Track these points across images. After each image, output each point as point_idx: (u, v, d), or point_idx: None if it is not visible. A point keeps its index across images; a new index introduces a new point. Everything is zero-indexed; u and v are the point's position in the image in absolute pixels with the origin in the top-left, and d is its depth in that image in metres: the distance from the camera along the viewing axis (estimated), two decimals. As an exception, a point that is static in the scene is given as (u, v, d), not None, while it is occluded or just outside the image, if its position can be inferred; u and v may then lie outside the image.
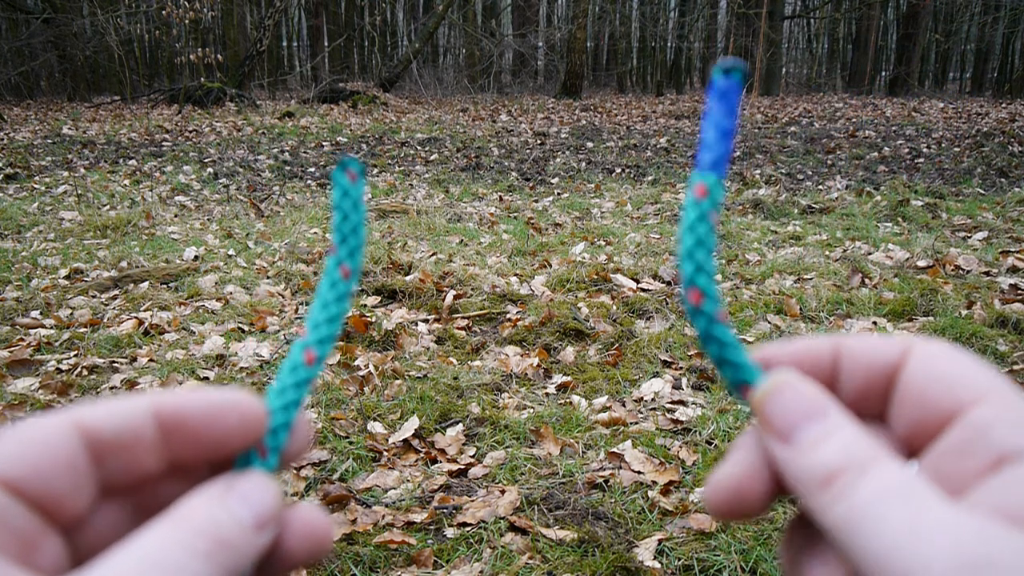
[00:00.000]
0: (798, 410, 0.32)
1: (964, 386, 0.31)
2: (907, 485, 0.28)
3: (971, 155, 9.68)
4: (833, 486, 0.29)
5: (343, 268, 0.37)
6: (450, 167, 9.52)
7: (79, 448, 0.31)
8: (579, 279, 4.56)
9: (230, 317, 4.03)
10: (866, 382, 0.33)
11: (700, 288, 0.34)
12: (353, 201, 0.37)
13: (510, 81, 26.92)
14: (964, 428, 0.30)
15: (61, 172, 8.75)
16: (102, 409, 0.32)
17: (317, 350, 0.36)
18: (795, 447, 0.31)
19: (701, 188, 0.34)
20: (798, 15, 30.58)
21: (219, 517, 0.31)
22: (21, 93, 21.29)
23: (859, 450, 0.30)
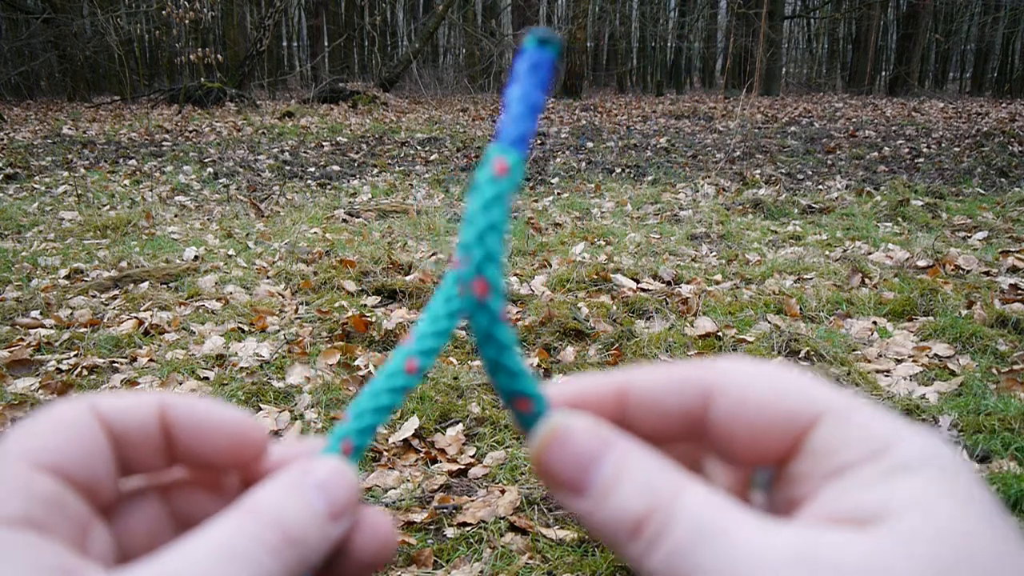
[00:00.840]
0: (582, 455, 0.29)
1: (793, 414, 0.30)
2: (717, 518, 0.27)
3: (971, 155, 9.68)
4: (643, 535, 0.27)
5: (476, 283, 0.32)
6: (450, 167, 9.52)
7: (101, 434, 0.31)
8: (579, 279, 4.56)
9: (230, 317, 4.03)
10: (662, 422, 0.32)
11: (487, 279, 0.29)
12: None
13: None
14: (806, 454, 0.29)
15: (61, 172, 8.75)
16: (112, 399, 0.32)
17: (420, 360, 0.33)
18: (590, 498, 0.28)
19: (501, 165, 0.30)
20: (798, 15, 30.59)
21: (292, 507, 0.30)
22: (21, 93, 21.29)
23: (659, 486, 0.28)
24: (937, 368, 3.39)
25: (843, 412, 0.29)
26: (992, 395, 3.06)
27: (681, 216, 6.59)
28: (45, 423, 0.30)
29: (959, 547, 0.25)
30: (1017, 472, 2.51)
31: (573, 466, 0.29)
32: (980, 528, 0.25)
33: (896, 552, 0.24)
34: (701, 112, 17.19)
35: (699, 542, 0.26)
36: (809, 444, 0.29)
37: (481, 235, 0.29)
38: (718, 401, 0.31)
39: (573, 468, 0.29)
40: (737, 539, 0.26)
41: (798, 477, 0.29)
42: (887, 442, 0.28)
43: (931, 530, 0.25)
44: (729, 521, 0.27)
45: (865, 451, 0.28)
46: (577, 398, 0.32)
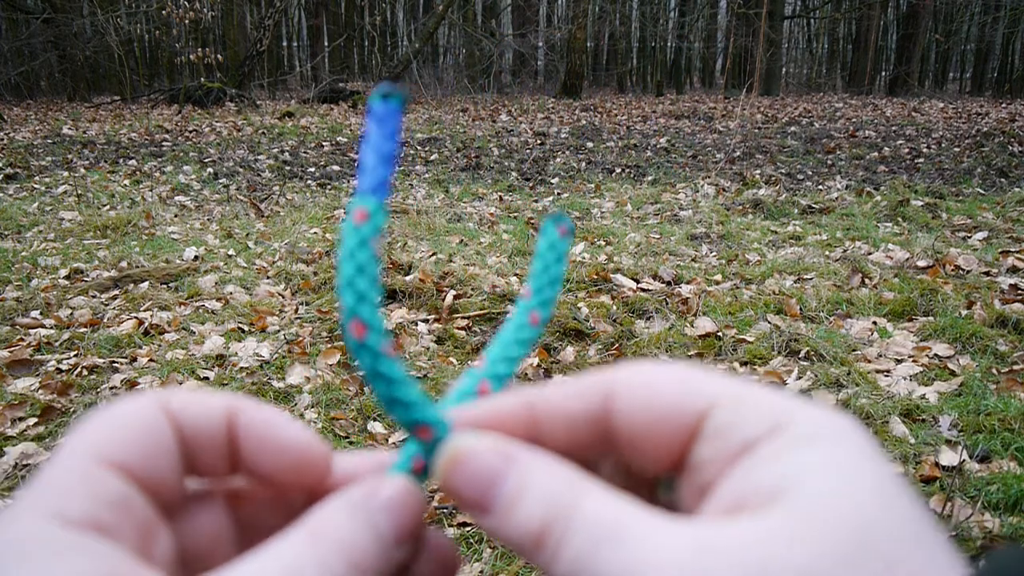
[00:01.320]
0: (486, 474, 0.29)
1: (688, 404, 0.29)
2: (618, 518, 0.26)
3: (971, 155, 9.68)
4: (546, 545, 0.27)
5: (532, 315, 0.36)
6: (450, 167, 9.52)
7: (170, 432, 0.30)
8: (579, 279, 4.56)
9: (230, 317, 4.03)
10: (571, 434, 0.32)
11: (363, 320, 0.31)
12: (558, 255, 0.37)
13: (510, 81, 26.93)
14: (706, 438, 0.29)
15: (61, 172, 8.75)
16: (184, 396, 0.31)
17: (492, 385, 0.35)
18: (495, 515, 0.28)
19: (361, 213, 0.32)
20: (798, 15, 30.60)
21: (357, 532, 0.29)
22: (21, 93, 21.29)
23: (560, 495, 0.28)
24: (937, 368, 3.39)
25: (736, 395, 0.29)
26: (992, 395, 3.06)
27: (681, 216, 6.59)
28: (114, 418, 0.29)
29: (858, 530, 0.24)
30: (1017, 472, 2.51)
31: (476, 486, 0.29)
32: (880, 507, 0.25)
33: (793, 539, 0.24)
34: (701, 112, 17.19)
35: (600, 546, 0.26)
36: (705, 430, 0.29)
37: (350, 280, 0.31)
38: (617, 404, 0.31)
39: (477, 488, 0.29)
40: (638, 540, 0.25)
41: (700, 466, 0.29)
42: (784, 418, 0.28)
43: (829, 511, 0.24)
44: (630, 523, 0.26)
45: (762, 428, 0.27)
46: (486, 419, 0.32)
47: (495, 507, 0.28)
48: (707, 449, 0.29)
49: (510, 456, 0.29)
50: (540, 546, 0.27)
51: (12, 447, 2.72)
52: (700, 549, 0.24)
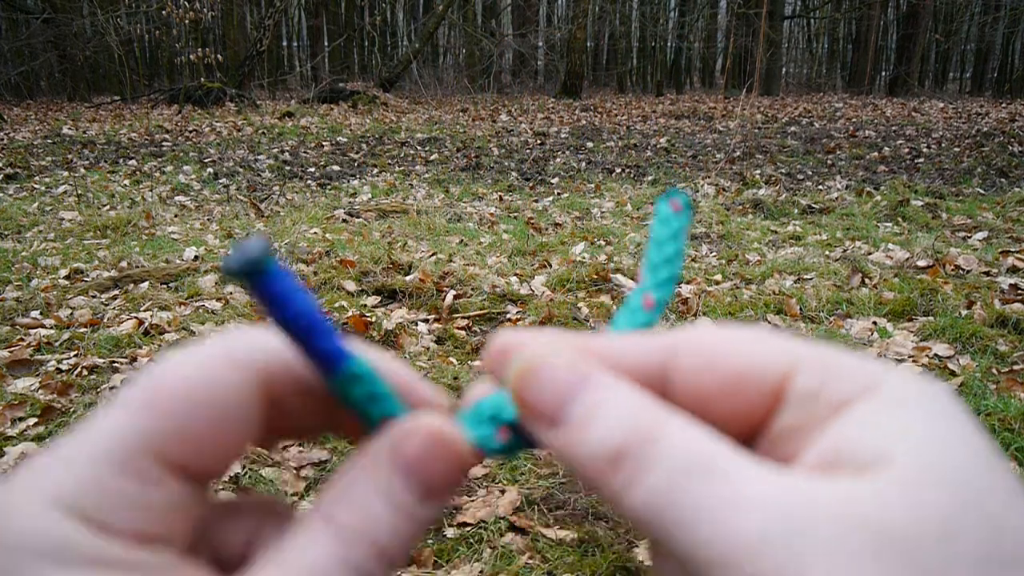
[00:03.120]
0: (562, 385, 0.27)
1: (767, 367, 0.28)
2: (708, 452, 0.25)
3: (971, 155, 9.68)
4: (622, 468, 0.25)
5: (646, 297, 0.34)
6: (450, 167, 9.52)
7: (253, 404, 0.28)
8: (579, 279, 4.56)
9: (230, 317, 4.03)
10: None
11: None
12: (673, 232, 0.35)
13: (510, 81, 26.93)
14: (793, 402, 0.27)
15: (61, 172, 8.75)
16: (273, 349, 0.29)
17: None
18: (566, 432, 0.26)
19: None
20: (798, 15, 30.60)
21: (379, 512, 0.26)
22: (21, 93, 21.29)
23: (642, 416, 0.26)
24: (937, 368, 3.39)
25: (821, 358, 0.27)
26: (992, 395, 3.06)
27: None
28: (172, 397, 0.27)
29: (964, 494, 0.23)
30: (1018, 472, 2.51)
31: (550, 396, 0.27)
32: (983, 473, 0.24)
33: (901, 501, 0.23)
34: (701, 112, 17.19)
35: (689, 476, 0.24)
36: (790, 395, 0.27)
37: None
38: (681, 366, 0.28)
39: (550, 398, 0.27)
40: (733, 475, 0.24)
41: (784, 434, 0.27)
42: (878, 378, 0.26)
43: (935, 475, 0.23)
44: (724, 457, 0.24)
45: (856, 387, 0.26)
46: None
47: (568, 420, 0.26)
48: (794, 415, 0.27)
49: (590, 373, 0.27)
50: (615, 469, 0.25)
51: (12, 447, 2.72)
52: (800, 496, 0.23)
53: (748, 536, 0.22)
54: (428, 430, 0.28)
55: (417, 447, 0.27)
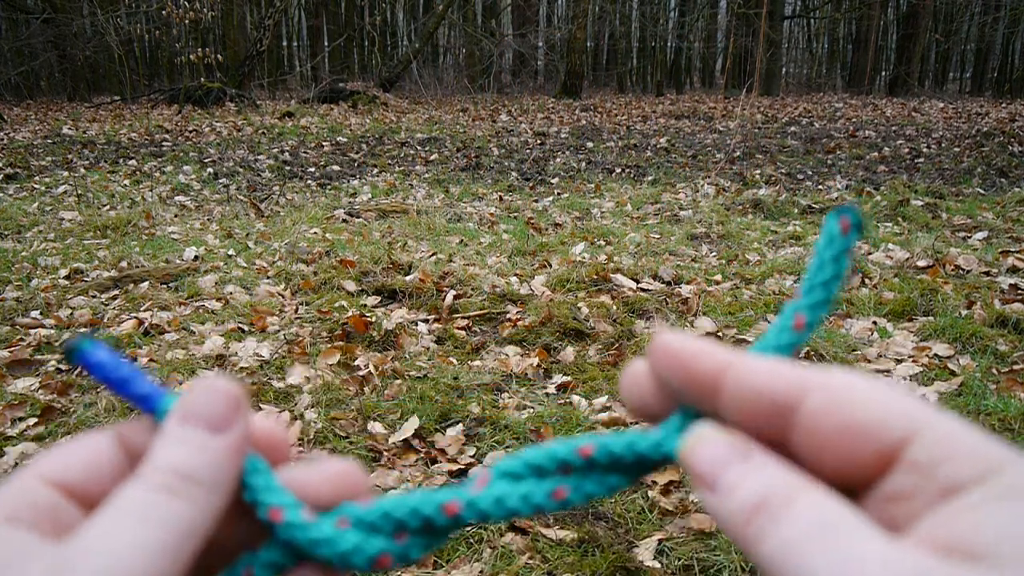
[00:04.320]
0: (719, 457, 0.31)
1: (890, 425, 0.29)
2: (836, 517, 0.27)
3: (971, 155, 9.68)
4: (756, 521, 0.28)
5: (798, 317, 0.35)
6: (450, 167, 9.52)
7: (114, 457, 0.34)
8: (579, 279, 4.56)
9: (230, 317, 4.03)
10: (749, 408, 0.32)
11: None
12: (836, 252, 0.34)
13: (510, 81, 26.92)
14: (905, 469, 0.29)
15: (61, 172, 8.75)
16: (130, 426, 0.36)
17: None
18: (720, 491, 0.31)
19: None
20: (798, 15, 30.59)
21: (169, 443, 0.32)
22: (21, 93, 21.29)
23: (782, 482, 0.29)
24: (937, 368, 3.39)
25: (945, 427, 0.28)
26: (992, 395, 3.06)
27: (681, 216, 6.59)
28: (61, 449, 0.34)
29: None
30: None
31: (710, 467, 0.31)
32: None
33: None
34: (701, 112, 17.19)
35: (811, 536, 0.27)
36: (909, 457, 0.28)
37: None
38: (810, 402, 0.31)
39: (710, 469, 0.31)
40: (856, 541, 0.26)
41: (898, 495, 0.29)
42: (997, 464, 0.27)
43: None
44: (850, 524, 0.27)
45: (975, 471, 0.27)
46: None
47: (720, 487, 0.31)
48: (905, 480, 0.29)
49: (746, 451, 0.31)
50: (750, 521, 0.29)
51: (12, 447, 2.73)
52: (915, 570, 0.25)
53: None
54: (196, 384, 0.34)
55: (197, 391, 0.34)
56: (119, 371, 0.35)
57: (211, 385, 0.34)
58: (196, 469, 0.31)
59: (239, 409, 0.33)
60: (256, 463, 0.34)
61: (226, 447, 0.32)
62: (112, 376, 0.35)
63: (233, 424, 0.33)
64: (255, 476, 0.34)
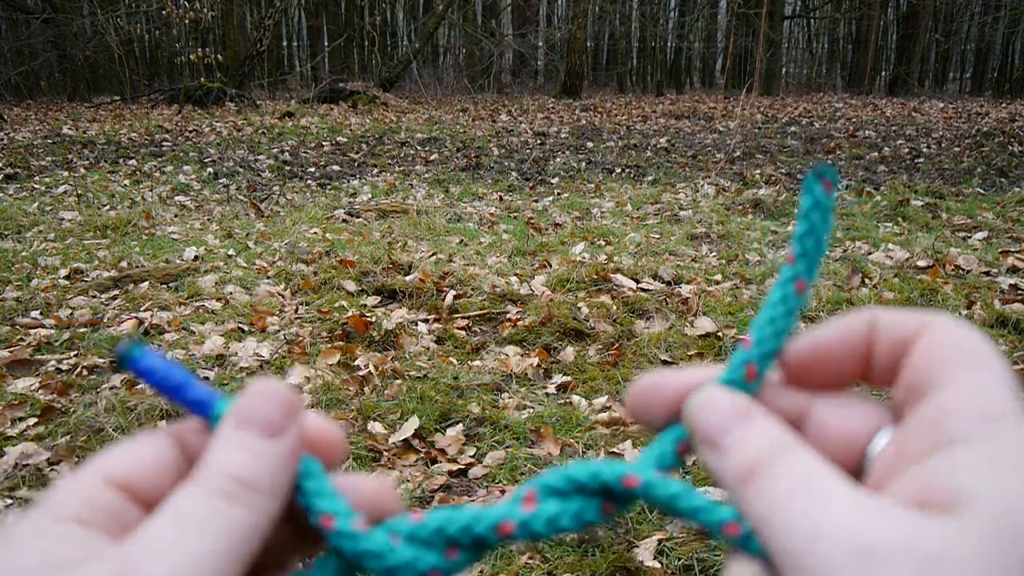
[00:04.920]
0: (723, 419, 0.34)
1: (947, 366, 0.31)
2: (813, 474, 0.30)
3: (971, 155, 9.68)
4: (750, 483, 0.31)
5: (798, 282, 0.36)
6: (450, 167, 9.52)
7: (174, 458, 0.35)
8: (579, 279, 4.56)
9: (230, 317, 4.03)
10: (890, 353, 0.34)
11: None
12: (823, 213, 0.36)
13: (510, 81, 26.92)
14: (927, 407, 0.30)
15: (61, 172, 8.75)
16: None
17: (759, 365, 0.36)
18: (720, 452, 0.33)
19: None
20: (798, 15, 30.59)
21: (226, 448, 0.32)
22: (21, 93, 21.29)
23: (776, 444, 0.32)
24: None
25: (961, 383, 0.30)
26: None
27: (681, 216, 6.59)
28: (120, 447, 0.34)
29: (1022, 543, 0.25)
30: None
31: (713, 427, 0.34)
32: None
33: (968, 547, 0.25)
34: (701, 112, 17.19)
35: (794, 493, 0.29)
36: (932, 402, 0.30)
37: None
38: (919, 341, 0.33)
39: (712, 429, 0.34)
40: (827, 496, 0.29)
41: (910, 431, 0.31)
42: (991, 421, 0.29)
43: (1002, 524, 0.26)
44: (826, 482, 0.29)
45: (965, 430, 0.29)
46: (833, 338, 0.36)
47: (721, 447, 0.33)
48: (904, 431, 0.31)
49: (748, 413, 0.34)
50: (746, 482, 0.31)
51: (12, 447, 2.72)
52: (878, 521, 0.27)
53: (824, 554, 0.27)
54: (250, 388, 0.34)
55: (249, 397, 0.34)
56: (172, 376, 0.34)
57: (266, 389, 0.34)
58: (254, 475, 0.32)
59: (294, 413, 0.34)
60: (310, 465, 0.34)
61: (282, 452, 0.33)
62: (166, 382, 0.34)
63: (288, 428, 0.33)
64: (309, 480, 0.34)
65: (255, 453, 0.32)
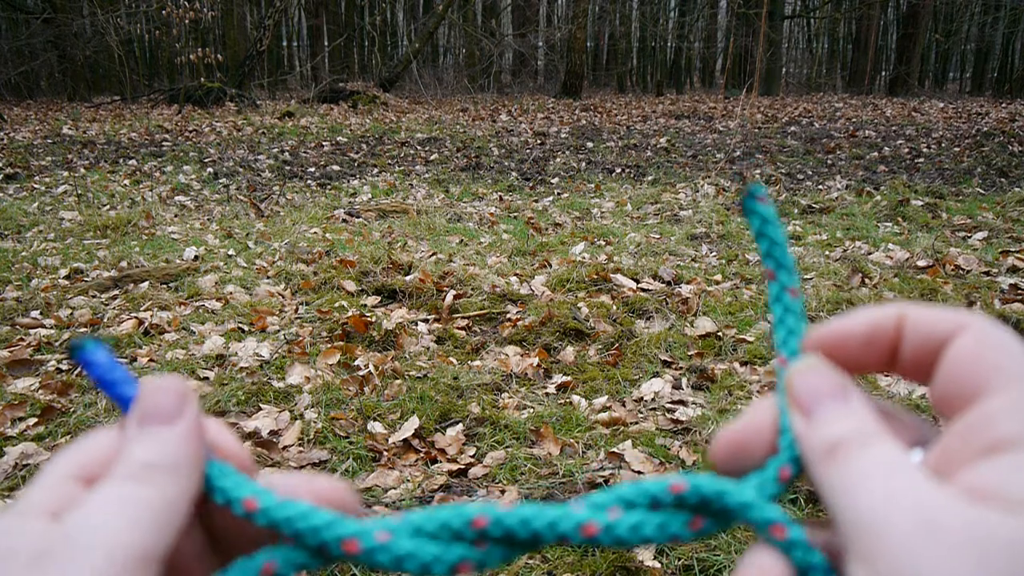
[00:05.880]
0: (821, 390, 0.35)
1: (992, 372, 0.32)
2: (896, 461, 0.31)
3: (971, 155, 9.68)
4: (835, 456, 0.33)
5: (790, 290, 0.39)
6: (450, 167, 9.52)
7: None
8: (579, 279, 4.56)
9: (230, 317, 4.03)
10: (922, 349, 0.35)
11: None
12: (772, 224, 0.38)
13: (510, 81, 26.92)
14: (976, 412, 0.31)
15: (61, 172, 8.75)
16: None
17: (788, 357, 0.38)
18: (812, 421, 0.35)
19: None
20: (798, 15, 30.58)
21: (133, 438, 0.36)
22: (21, 93, 21.28)
23: (865, 429, 0.33)
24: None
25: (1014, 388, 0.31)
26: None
27: (681, 216, 6.59)
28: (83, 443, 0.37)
29: None
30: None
31: (811, 396, 0.35)
32: None
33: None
34: (701, 112, 17.19)
35: (875, 471, 0.31)
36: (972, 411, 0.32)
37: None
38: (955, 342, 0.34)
39: (810, 398, 0.35)
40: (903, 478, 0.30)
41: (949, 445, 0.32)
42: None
43: None
44: (906, 469, 0.31)
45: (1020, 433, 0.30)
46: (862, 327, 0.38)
47: (815, 417, 0.35)
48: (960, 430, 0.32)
49: (847, 392, 0.35)
50: (830, 455, 0.33)
51: (12, 447, 2.72)
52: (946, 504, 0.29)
53: (891, 522, 0.29)
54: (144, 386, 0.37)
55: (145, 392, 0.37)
56: (111, 373, 0.37)
57: (157, 385, 0.37)
58: (157, 457, 0.35)
59: (186, 401, 0.37)
60: (222, 468, 0.37)
61: (180, 433, 0.36)
62: (104, 377, 0.37)
63: (182, 414, 0.36)
64: (222, 479, 0.36)
65: (156, 440, 0.35)
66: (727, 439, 0.38)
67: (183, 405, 0.37)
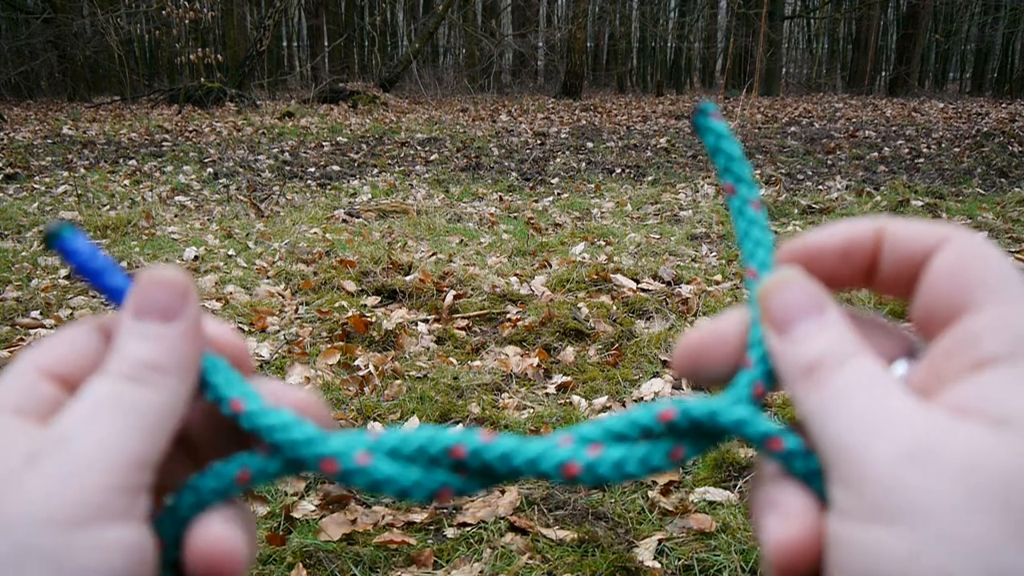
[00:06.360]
0: (797, 306, 0.33)
1: (978, 287, 0.31)
2: (876, 379, 0.30)
3: (971, 155, 9.68)
4: (813, 376, 0.31)
5: (752, 203, 0.38)
6: (450, 167, 9.52)
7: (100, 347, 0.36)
8: (579, 279, 4.56)
9: (230, 317, 4.03)
10: (902, 264, 0.34)
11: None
12: (726, 139, 0.38)
13: (510, 81, 26.92)
14: (962, 328, 0.30)
15: (61, 172, 8.75)
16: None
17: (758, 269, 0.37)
18: (788, 339, 0.33)
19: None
20: (798, 15, 30.58)
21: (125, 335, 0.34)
22: (21, 93, 21.28)
23: (842, 346, 0.32)
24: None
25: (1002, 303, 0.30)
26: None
27: (681, 216, 6.59)
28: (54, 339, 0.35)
29: None
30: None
31: (785, 312, 0.34)
32: None
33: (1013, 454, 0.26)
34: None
35: (854, 392, 0.30)
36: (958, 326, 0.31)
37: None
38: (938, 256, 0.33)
39: (784, 314, 0.34)
40: (892, 403, 0.29)
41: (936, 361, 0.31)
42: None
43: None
44: (886, 387, 0.30)
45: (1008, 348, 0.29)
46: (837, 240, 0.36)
47: (790, 333, 0.33)
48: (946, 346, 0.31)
49: (822, 306, 0.33)
50: (807, 375, 0.31)
51: (12, 447, 2.72)
52: (940, 429, 0.28)
53: (875, 448, 0.28)
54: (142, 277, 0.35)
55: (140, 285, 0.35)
56: (95, 261, 0.35)
57: (157, 277, 0.35)
58: (155, 357, 0.33)
59: (187, 296, 0.35)
60: (216, 363, 0.35)
61: (181, 333, 0.34)
62: (88, 265, 0.35)
63: (184, 311, 0.34)
64: (216, 375, 0.35)
65: (154, 338, 0.33)
66: (689, 344, 0.36)
67: (184, 301, 0.35)
